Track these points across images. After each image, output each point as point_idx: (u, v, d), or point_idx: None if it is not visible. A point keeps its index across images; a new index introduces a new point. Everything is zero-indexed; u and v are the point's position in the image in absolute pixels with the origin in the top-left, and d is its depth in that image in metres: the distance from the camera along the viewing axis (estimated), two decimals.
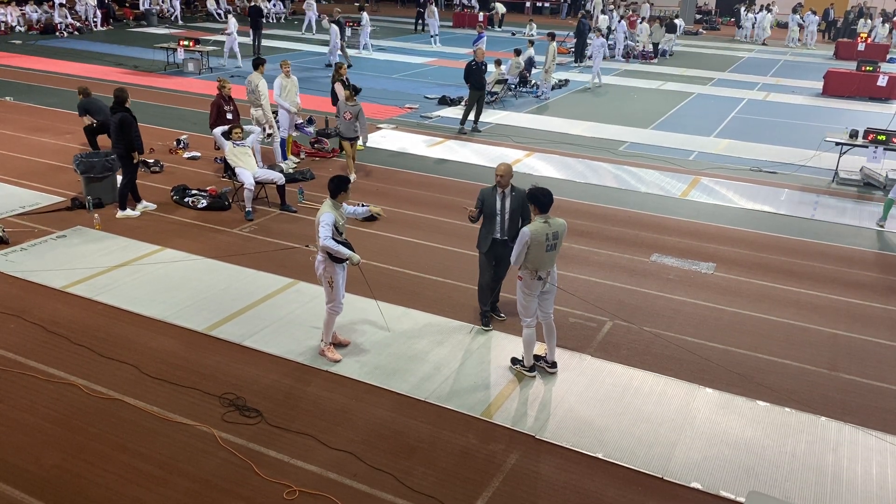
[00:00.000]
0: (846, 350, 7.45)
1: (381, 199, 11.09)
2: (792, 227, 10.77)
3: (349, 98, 11.73)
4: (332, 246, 6.45)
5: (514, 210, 7.17)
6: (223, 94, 11.33)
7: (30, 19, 28.91)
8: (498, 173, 7.09)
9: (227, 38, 21.92)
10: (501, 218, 7.19)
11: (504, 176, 7.08)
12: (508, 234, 7.20)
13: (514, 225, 7.16)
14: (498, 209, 7.18)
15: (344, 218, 6.74)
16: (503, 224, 7.21)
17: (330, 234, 6.46)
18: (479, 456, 5.70)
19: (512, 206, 7.16)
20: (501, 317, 7.79)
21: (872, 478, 5.62)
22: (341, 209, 6.73)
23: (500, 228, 7.23)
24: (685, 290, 8.63)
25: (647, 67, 25.45)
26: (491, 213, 7.21)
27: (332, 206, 6.62)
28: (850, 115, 18.46)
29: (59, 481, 5.27)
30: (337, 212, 6.63)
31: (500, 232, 7.25)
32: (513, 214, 7.18)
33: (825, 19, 34.59)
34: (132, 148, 9.82)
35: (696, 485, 5.46)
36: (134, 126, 9.74)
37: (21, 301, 7.79)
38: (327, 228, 6.46)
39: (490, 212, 7.21)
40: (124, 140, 9.75)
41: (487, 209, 7.22)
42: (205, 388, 6.40)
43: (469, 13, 36.76)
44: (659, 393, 6.58)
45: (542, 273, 6.43)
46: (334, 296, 6.73)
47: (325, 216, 6.50)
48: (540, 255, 6.32)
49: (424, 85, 20.68)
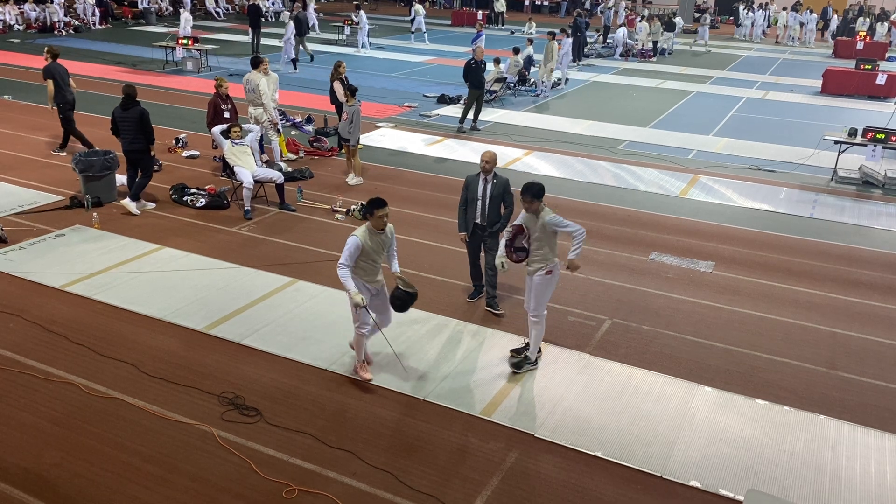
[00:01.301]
0: (845, 348, 7.46)
1: None
2: (791, 226, 10.78)
3: (349, 99, 11.59)
4: (339, 275, 6.10)
5: (494, 196, 7.54)
6: (220, 93, 11.33)
7: (28, 18, 28.87)
8: (484, 159, 7.47)
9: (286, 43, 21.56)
10: (483, 203, 7.56)
11: (489, 162, 7.45)
12: (489, 219, 7.59)
13: (495, 211, 7.58)
14: (480, 194, 7.54)
15: (380, 245, 6.26)
16: (484, 209, 7.57)
17: (345, 261, 6.10)
18: (478, 454, 5.70)
19: (493, 192, 7.53)
20: (499, 312, 7.84)
21: (871, 476, 5.63)
22: (380, 235, 6.23)
23: (480, 213, 7.59)
24: (684, 288, 8.63)
25: (646, 66, 25.45)
26: (473, 198, 7.58)
27: (365, 229, 6.19)
28: (849, 113, 18.46)
29: (58, 480, 5.27)
30: (371, 237, 6.17)
31: (481, 217, 7.60)
32: (493, 200, 7.55)
33: (823, 18, 34.57)
34: (151, 141, 9.94)
35: (695, 483, 5.47)
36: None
37: (20, 300, 7.79)
38: (345, 253, 6.11)
39: (472, 196, 7.58)
40: (145, 134, 9.84)
41: (471, 194, 7.60)
42: (204, 386, 6.40)
43: (468, 11, 36.71)
44: (658, 391, 6.58)
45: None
46: (358, 317, 6.34)
47: (351, 239, 6.12)
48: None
49: (423, 83, 20.68)
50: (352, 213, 10.39)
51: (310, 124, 14.77)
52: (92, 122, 14.81)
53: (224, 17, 34.95)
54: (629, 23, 29.47)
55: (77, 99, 13.05)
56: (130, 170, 10.23)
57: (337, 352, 6.98)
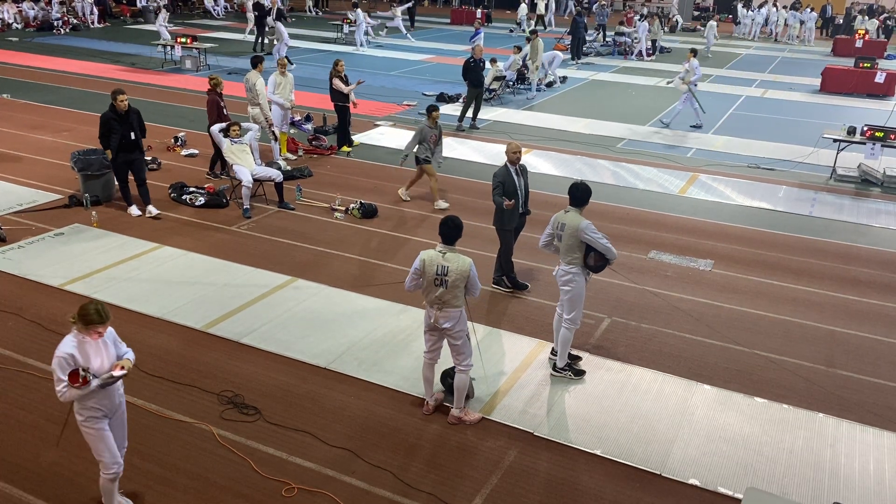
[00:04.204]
0: (843, 346, 7.47)
1: (379, 197, 11.09)
2: (790, 224, 10.78)
3: (433, 122, 10.66)
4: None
5: (527, 184, 8.05)
6: (218, 91, 11.25)
7: (27, 16, 28.84)
8: (512, 150, 7.79)
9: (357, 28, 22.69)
10: (521, 193, 7.94)
11: (518, 153, 7.81)
12: (526, 205, 8.10)
13: (528, 197, 8.09)
14: (517, 185, 7.88)
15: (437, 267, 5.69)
16: (522, 198, 7.98)
17: (408, 279, 5.89)
18: (477, 453, 5.70)
19: (525, 179, 8.01)
20: (525, 285, 8.37)
21: (870, 473, 5.64)
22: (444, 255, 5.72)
23: (522, 202, 7.99)
24: (683, 286, 8.64)
25: (644, 64, 25.44)
26: (513, 191, 7.84)
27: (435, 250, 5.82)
28: (847, 111, 18.46)
29: (57, 478, 5.27)
30: (436, 256, 5.73)
31: (523, 206, 8.05)
32: (526, 188, 8.03)
33: (822, 16, 34.59)
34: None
35: (694, 481, 5.47)
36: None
37: (19, 299, 7.78)
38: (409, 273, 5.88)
39: (512, 189, 7.84)
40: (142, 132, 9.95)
41: (509, 188, 7.84)
42: (203, 385, 6.40)
43: (467, 10, 36.63)
44: (657, 390, 6.59)
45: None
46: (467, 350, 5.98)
47: (417, 259, 5.80)
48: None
49: (422, 82, 20.66)
50: (350, 212, 10.38)
51: (309, 123, 14.76)
52: (92, 122, 14.81)
53: (223, 16, 34.91)
54: (628, 21, 29.46)
55: (75, 97, 12.99)
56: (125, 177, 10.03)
57: (336, 350, 6.98)
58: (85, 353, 4.40)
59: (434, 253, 5.73)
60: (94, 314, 4.34)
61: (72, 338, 4.41)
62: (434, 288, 5.71)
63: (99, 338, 4.44)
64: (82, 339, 4.41)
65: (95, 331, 4.39)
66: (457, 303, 5.73)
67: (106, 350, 4.49)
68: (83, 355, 4.38)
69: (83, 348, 4.40)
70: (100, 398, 4.50)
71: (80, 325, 4.37)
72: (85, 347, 4.40)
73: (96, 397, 4.47)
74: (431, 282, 5.70)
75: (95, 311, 4.35)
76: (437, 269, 5.67)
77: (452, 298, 5.70)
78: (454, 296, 5.69)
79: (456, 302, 5.72)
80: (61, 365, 4.31)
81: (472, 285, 5.73)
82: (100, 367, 4.43)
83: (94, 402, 4.49)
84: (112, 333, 4.58)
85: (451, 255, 5.69)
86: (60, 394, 4.33)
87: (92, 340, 4.42)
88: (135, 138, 9.74)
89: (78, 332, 4.41)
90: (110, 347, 4.53)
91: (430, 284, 5.72)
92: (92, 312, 4.34)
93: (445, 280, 5.64)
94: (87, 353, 4.41)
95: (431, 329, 5.91)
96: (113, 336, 4.59)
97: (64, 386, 4.30)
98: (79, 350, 4.38)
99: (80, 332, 4.40)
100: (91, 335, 4.40)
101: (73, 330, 4.42)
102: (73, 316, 4.36)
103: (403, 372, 6.68)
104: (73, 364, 4.32)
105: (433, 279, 5.69)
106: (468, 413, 6.06)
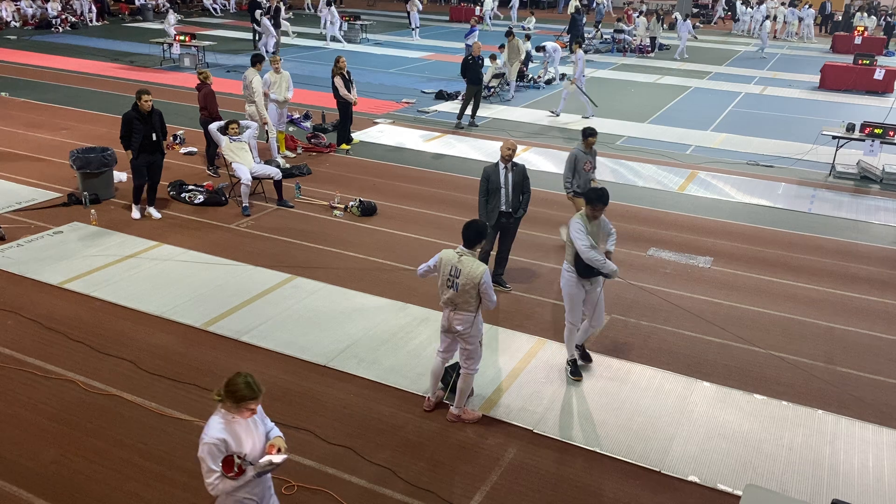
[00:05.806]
0: (843, 343, 7.47)
1: (378, 195, 11.08)
2: (789, 221, 10.79)
3: (588, 147, 8.97)
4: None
5: (516, 183, 7.90)
6: (209, 83, 11.31)
7: (25, 14, 28.79)
8: (507, 147, 7.78)
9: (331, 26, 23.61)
10: (506, 191, 7.87)
11: (511, 150, 7.77)
12: (512, 205, 7.94)
13: (518, 197, 7.95)
14: (502, 182, 7.85)
15: (451, 268, 5.65)
16: (507, 196, 7.89)
17: (422, 267, 5.89)
18: (477, 450, 5.71)
19: (514, 179, 7.88)
20: (507, 287, 8.29)
21: (869, 470, 5.64)
22: (461, 257, 5.62)
23: (505, 201, 7.90)
24: (682, 284, 8.64)
25: (643, 61, 25.43)
26: (496, 188, 7.85)
27: (454, 251, 5.71)
28: (846, 108, 18.46)
29: (57, 477, 5.27)
30: (453, 256, 5.65)
31: (506, 204, 7.92)
32: (515, 188, 7.90)
33: (821, 13, 34.59)
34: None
35: (694, 478, 5.48)
36: None
37: (18, 297, 7.78)
38: (427, 263, 5.90)
39: (495, 186, 7.85)
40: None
41: (493, 184, 7.85)
42: (203, 383, 6.39)
43: (465, 7, 36.59)
44: (656, 387, 6.59)
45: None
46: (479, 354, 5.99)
47: (437, 255, 5.80)
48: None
49: (421, 80, 20.65)
50: (349, 210, 10.38)
51: (308, 120, 14.76)
52: (91, 120, 14.80)
53: (221, 14, 34.86)
54: (628, 18, 29.43)
55: (74, 95, 12.98)
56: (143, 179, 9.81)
57: (336, 348, 6.99)
58: (236, 436, 3.71)
59: (452, 253, 5.66)
60: (245, 388, 3.68)
61: (219, 419, 3.71)
62: (446, 289, 5.70)
63: (251, 415, 3.77)
64: (231, 420, 3.72)
65: (248, 408, 3.71)
66: (469, 307, 5.68)
67: (256, 430, 3.82)
68: (234, 438, 3.70)
69: (233, 429, 3.71)
70: (251, 486, 3.81)
71: (228, 403, 3.69)
72: (235, 428, 3.72)
73: (248, 486, 3.79)
74: (444, 282, 5.69)
75: (246, 385, 3.69)
76: (450, 269, 5.64)
77: (463, 303, 5.67)
78: (465, 300, 5.65)
79: (468, 307, 5.68)
80: (212, 453, 3.62)
81: (484, 295, 5.62)
82: (252, 449, 3.76)
83: (246, 493, 3.82)
84: (260, 409, 3.88)
85: (466, 259, 5.61)
86: (212, 486, 3.66)
87: (242, 420, 3.75)
88: (156, 139, 9.65)
89: (226, 412, 3.72)
90: (259, 426, 3.86)
91: (443, 284, 5.71)
92: (242, 387, 3.68)
93: (456, 283, 5.60)
94: (239, 434, 3.72)
95: (446, 330, 5.90)
96: (261, 412, 3.90)
97: (216, 477, 3.64)
98: (229, 432, 3.69)
99: (229, 411, 3.71)
100: (242, 413, 3.72)
101: (218, 409, 3.74)
102: (219, 392, 3.71)
103: (403, 369, 6.69)
104: (224, 451, 3.65)
105: (446, 279, 5.68)
106: (467, 412, 6.07)
